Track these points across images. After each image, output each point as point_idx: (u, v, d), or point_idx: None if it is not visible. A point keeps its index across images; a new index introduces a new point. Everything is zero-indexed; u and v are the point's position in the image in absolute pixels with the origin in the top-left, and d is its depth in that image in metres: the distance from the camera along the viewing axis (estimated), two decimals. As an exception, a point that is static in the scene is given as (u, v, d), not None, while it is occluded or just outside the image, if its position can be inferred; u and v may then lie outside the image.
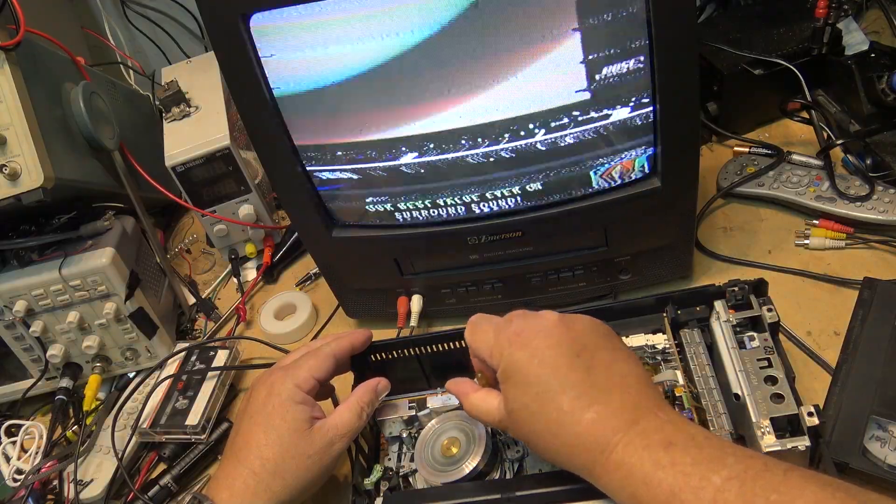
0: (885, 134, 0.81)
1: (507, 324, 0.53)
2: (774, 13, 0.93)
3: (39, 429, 0.78)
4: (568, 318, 0.52)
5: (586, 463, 0.47)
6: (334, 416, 0.60)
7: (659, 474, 0.43)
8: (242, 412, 0.61)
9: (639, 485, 0.44)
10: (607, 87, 0.59)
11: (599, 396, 0.48)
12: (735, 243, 0.80)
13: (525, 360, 0.50)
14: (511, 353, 0.50)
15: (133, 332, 0.81)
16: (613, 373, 0.49)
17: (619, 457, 0.45)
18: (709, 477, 0.42)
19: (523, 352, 0.50)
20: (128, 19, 1.22)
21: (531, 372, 0.49)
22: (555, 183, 0.66)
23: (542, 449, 0.50)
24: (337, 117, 0.64)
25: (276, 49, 0.60)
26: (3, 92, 0.69)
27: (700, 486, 0.41)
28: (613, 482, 0.46)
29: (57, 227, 0.78)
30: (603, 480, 0.46)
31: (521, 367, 0.49)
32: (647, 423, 0.46)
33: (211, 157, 0.85)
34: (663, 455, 0.44)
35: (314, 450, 0.58)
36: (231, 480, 0.56)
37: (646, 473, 0.44)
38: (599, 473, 0.46)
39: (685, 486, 0.42)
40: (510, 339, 0.51)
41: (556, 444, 0.48)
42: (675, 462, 0.43)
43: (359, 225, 0.73)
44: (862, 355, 0.62)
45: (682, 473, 0.42)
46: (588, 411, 0.47)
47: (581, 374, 0.48)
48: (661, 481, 0.43)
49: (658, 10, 0.55)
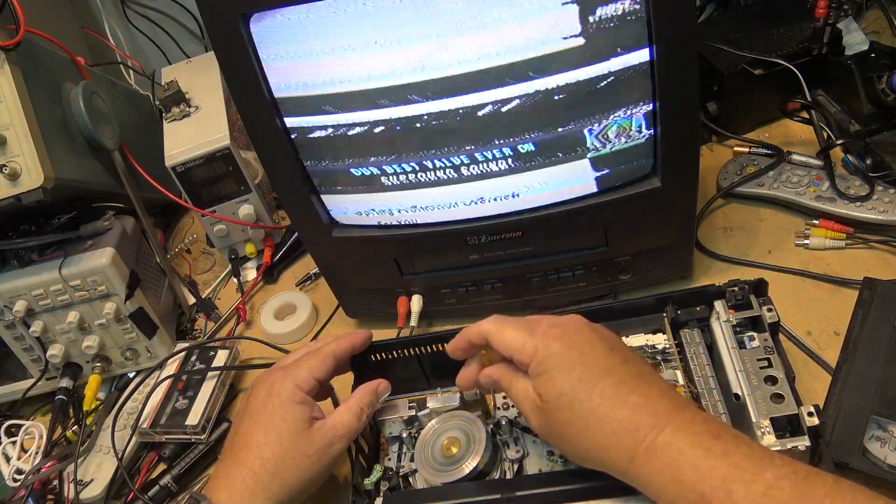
0: (885, 134, 0.81)
1: (537, 322, 0.53)
2: (774, 13, 0.93)
3: (39, 429, 0.78)
4: (591, 322, 0.53)
5: (629, 448, 0.46)
6: (334, 417, 0.60)
7: (711, 461, 0.43)
8: (242, 412, 0.61)
9: (686, 468, 0.43)
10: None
11: (640, 385, 0.48)
12: (735, 243, 0.80)
13: (564, 349, 0.50)
14: (547, 344, 0.50)
15: (133, 332, 0.81)
16: (645, 369, 0.51)
17: (667, 440, 0.45)
18: (760, 472, 0.42)
19: (561, 342, 0.50)
20: (128, 19, 1.22)
21: (572, 359, 0.49)
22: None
23: (576, 443, 0.49)
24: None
25: (276, 49, 0.60)
26: (3, 92, 0.69)
27: (752, 479, 0.41)
28: (656, 466, 0.45)
29: (57, 227, 0.78)
30: (643, 468, 0.45)
31: (561, 356, 0.49)
32: (692, 413, 0.47)
33: (211, 157, 0.85)
34: (714, 444, 0.44)
35: (313, 450, 0.57)
36: (230, 480, 0.56)
37: (697, 458, 0.43)
38: (641, 459, 0.45)
39: (737, 477, 0.42)
40: (545, 332, 0.51)
41: (595, 432, 0.47)
42: (727, 452, 0.43)
43: (359, 225, 0.73)
44: (862, 355, 0.62)
45: (734, 465, 0.42)
46: (632, 395, 0.47)
47: (619, 364, 0.49)
48: (713, 468, 0.43)
49: (658, 10, 0.55)
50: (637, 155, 0.65)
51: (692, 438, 0.44)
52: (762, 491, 0.41)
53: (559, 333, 0.51)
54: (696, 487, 0.43)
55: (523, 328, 0.52)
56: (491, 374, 0.57)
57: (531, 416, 0.52)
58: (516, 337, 0.52)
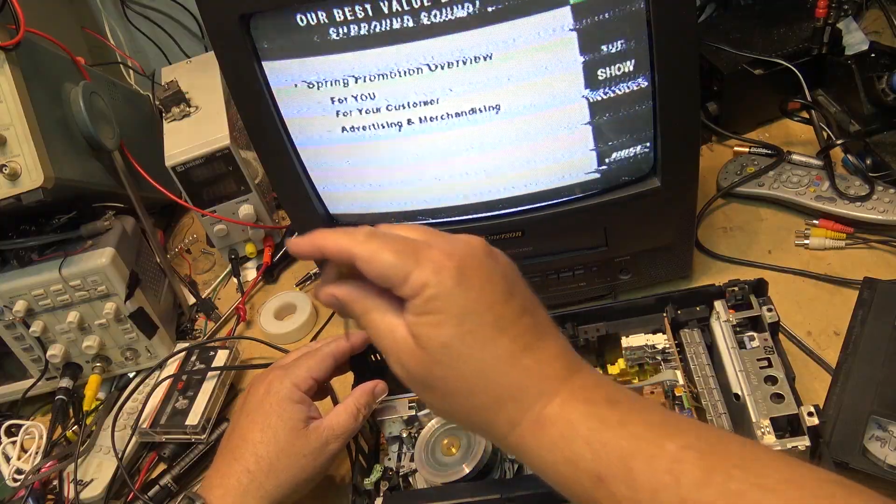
0: (885, 134, 0.81)
1: (426, 246, 0.42)
2: (774, 13, 0.93)
3: (39, 429, 0.78)
4: (493, 249, 0.44)
5: (511, 418, 0.40)
6: (331, 417, 0.60)
7: (606, 434, 0.38)
8: (239, 410, 0.61)
9: (580, 445, 0.38)
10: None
11: (534, 343, 0.41)
12: (735, 243, 0.80)
13: (458, 291, 0.41)
14: (441, 280, 0.40)
15: (133, 332, 0.81)
16: (542, 319, 0.43)
17: (556, 411, 0.39)
18: (662, 443, 0.37)
19: (456, 279, 0.41)
20: (128, 19, 1.22)
21: (466, 306, 0.40)
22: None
23: (452, 401, 0.42)
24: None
25: (276, 49, 0.60)
26: (3, 92, 0.69)
27: (654, 452, 0.36)
28: (545, 440, 0.39)
29: (57, 227, 0.78)
30: (529, 440, 0.40)
31: (453, 298, 0.40)
32: (587, 376, 0.41)
33: (211, 157, 0.85)
34: (609, 413, 0.39)
35: (309, 449, 0.58)
36: (224, 478, 0.56)
37: (590, 431, 0.38)
38: (526, 430, 0.40)
39: (637, 452, 0.37)
40: (438, 262, 0.41)
41: (478, 393, 0.41)
42: (623, 422, 0.38)
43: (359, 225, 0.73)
44: (862, 355, 0.62)
45: (632, 436, 0.37)
46: (524, 357, 0.41)
47: (516, 316, 0.42)
48: (609, 443, 0.37)
49: (658, 10, 0.55)
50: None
51: (585, 408, 0.39)
52: (666, 467, 0.36)
53: (455, 268, 0.41)
54: (591, 468, 0.37)
55: (408, 253, 0.41)
56: (337, 294, 0.45)
57: (396, 358, 0.43)
58: (398, 264, 0.41)
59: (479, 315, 0.41)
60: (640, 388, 0.62)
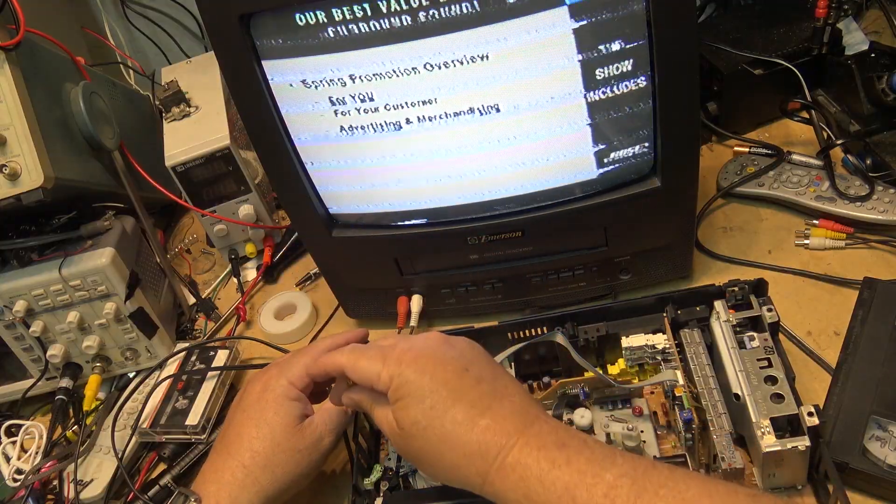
0: (885, 134, 0.81)
1: (391, 347, 0.53)
2: (774, 13, 0.93)
3: (39, 429, 0.77)
4: (449, 338, 0.54)
5: (479, 470, 0.48)
6: (322, 412, 0.61)
7: (555, 472, 0.45)
8: (235, 406, 0.62)
9: (534, 483, 0.45)
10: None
11: (492, 404, 0.49)
12: (735, 243, 0.80)
13: (416, 376, 0.50)
14: (401, 371, 0.51)
15: (133, 332, 0.81)
16: (499, 385, 0.51)
17: (515, 458, 0.46)
18: (601, 474, 0.44)
19: (413, 368, 0.51)
20: (128, 19, 1.22)
21: (424, 387, 0.50)
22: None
23: (433, 465, 0.51)
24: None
25: (275, 48, 0.60)
26: (3, 92, 0.69)
27: (593, 482, 0.44)
28: (508, 485, 0.46)
29: (57, 227, 0.78)
30: (497, 486, 0.47)
31: (413, 383, 0.50)
32: (540, 426, 0.48)
33: (211, 157, 0.85)
34: (558, 454, 0.46)
35: (304, 444, 0.59)
36: (219, 473, 0.57)
37: (542, 472, 0.45)
38: (493, 479, 0.47)
39: (580, 483, 0.44)
40: (399, 358, 0.52)
41: (450, 455, 0.49)
42: (569, 461, 0.45)
43: (359, 225, 0.73)
44: (862, 355, 0.62)
45: (576, 471, 0.44)
46: (482, 418, 0.48)
47: (471, 386, 0.50)
48: (557, 479, 0.45)
49: (658, 9, 0.55)
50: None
51: (537, 453, 0.46)
52: (603, 492, 0.43)
53: (411, 359, 0.51)
54: (542, 499, 0.45)
55: (377, 356, 0.53)
56: (353, 397, 0.57)
57: (391, 440, 0.54)
58: (370, 367, 0.53)
59: (436, 392, 0.50)
60: (640, 388, 0.62)
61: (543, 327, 0.66)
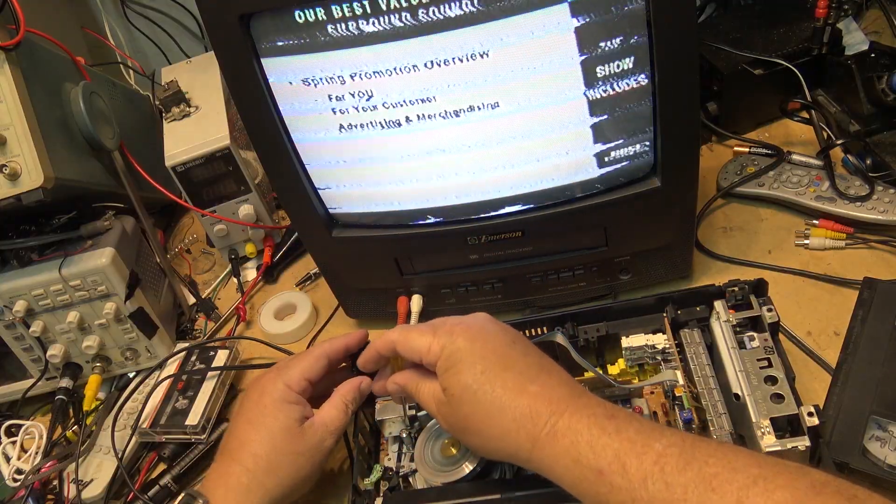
0: (885, 134, 0.81)
1: (442, 322, 0.55)
2: (774, 13, 0.93)
3: (39, 429, 0.78)
4: (495, 319, 0.56)
5: (531, 434, 0.48)
6: (321, 414, 0.61)
7: (605, 439, 0.46)
8: (237, 413, 0.63)
9: (585, 449, 0.46)
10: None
11: (540, 374, 0.51)
12: (735, 243, 0.80)
13: (468, 345, 0.52)
14: (453, 340, 0.53)
15: (133, 332, 0.81)
16: (545, 361, 0.54)
17: (566, 423, 0.47)
18: (651, 444, 0.45)
19: (464, 337, 0.53)
20: (128, 19, 1.22)
21: (475, 353, 0.52)
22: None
23: (481, 432, 0.51)
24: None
25: (276, 49, 0.60)
26: (3, 92, 0.69)
27: (643, 451, 0.44)
28: (559, 450, 0.47)
29: (57, 227, 0.78)
30: (546, 451, 0.48)
31: (465, 350, 0.52)
32: (588, 398, 0.50)
33: (211, 157, 0.85)
34: (608, 423, 0.47)
35: (305, 447, 0.59)
36: (224, 477, 0.58)
37: (593, 437, 0.46)
38: (543, 443, 0.48)
39: (630, 451, 0.45)
40: (449, 330, 0.54)
41: (500, 419, 0.49)
42: (619, 430, 0.46)
43: (359, 225, 0.73)
44: (862, 355, 0.62)
45: (626, 440, 0.45)
46: (532, 385, 0.50)
47: (520, 356, 0.52)
48: (607, 445, 0.45)
49: (658, 10, 0.55)
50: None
51: (588, 420, 0.47)
52: (653, 460, 0.44)
53: (463, 330, 0.53)
54: (593, 464, 0.45)
55: (427, 331, 0.55)
56: (397, 381, 0.59)
57: (438, 414, 0.54)
58: (421, 339, 0.54)
59: (488, 359, 0.51)
60: (640, 389, 0.62)
61: (543, 327, 0.66)
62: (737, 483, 0.41)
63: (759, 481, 0.40)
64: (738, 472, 0.41)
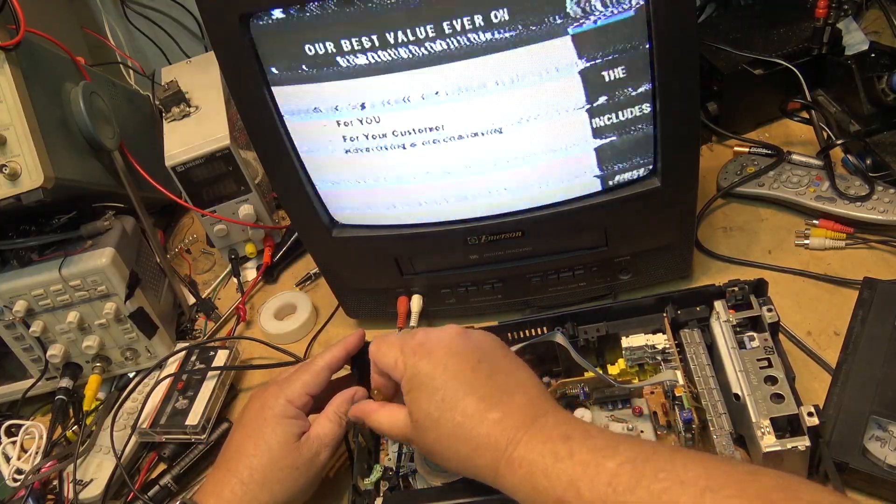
0: (885, 134, 0.81)
1: (410, 338, 0.55)
2: (774, 13, 0.93)
3: (39, 429, 0.77)
4: (467, 331, 0.55)
5: (490, 463, 0.48)
6: (316, 427, 0.62)
7: (559, 466, 0.46)
8: (237, 423, 0.63)
9: (540, 477, 0.46)
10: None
11: (502, 398, 0.50)
12: (735, 243, 0.80)
13: (429, 368, 0.52)
14: (415, 363, 0.53)
15: (133, 332, 0.81)
16: (512, 378, 0.53)
17: (521, 453, 0.47)
18: (604, 463, 0.44)
19: (427, 361, 0.52)
20: (128, 19, 1.22)
21: (436, 379, 0.51)
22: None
23: (446, 457, 0.52)
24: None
25: (277, 49, 0.60)
26: (3, 92, 0.69)
27: (596, 472, 0.44)
28: (516, 478, 0.47)
29: (57, 227, 0.78)
30: (507, 479, 0.48)
31: (426, 375, 0.52)
32: (546, 420, 0.49)
33: (211, 157, 0.85)
34: (562, 447, 0.46)
35: (301, 461, 0.60)
36: (219, 488, 0.58)
37: (547, 466, 0.46)
38: (503, 472, 0.48)
39: (582, 475, 0.44)
40: (414, 350, 0.53)
41: (461, 447, 0.50)
42: (573, 453, 0.46)
43: (359, 225, 0.73)
44: (862, 355, 0.62)
45: (580, 463, 0.45)
46: (492, 412, 0.49)
47: (483, 379, 0.51)
48: (561, 472, 0.45)
49: (658, 9, 0.55)
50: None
51: (541, 447, 0.47)
52: (606, 481, 0.43)
53: (426, 352, 0.53)
54: (550, 493, 0.45)
55: (396, 344, 0.55)
56: (352, 414, 0.61)
57: (404, 438, 0.56)
58: (389, 354, 0.55)
59: (448, 386, 0.51)
60: (640, 388, 0.62)
61: (543, 327, 0.66)
62: (685, 497, 0.41)
63: (706, 494, 0.41)
64: (686, 486, 0.41)
